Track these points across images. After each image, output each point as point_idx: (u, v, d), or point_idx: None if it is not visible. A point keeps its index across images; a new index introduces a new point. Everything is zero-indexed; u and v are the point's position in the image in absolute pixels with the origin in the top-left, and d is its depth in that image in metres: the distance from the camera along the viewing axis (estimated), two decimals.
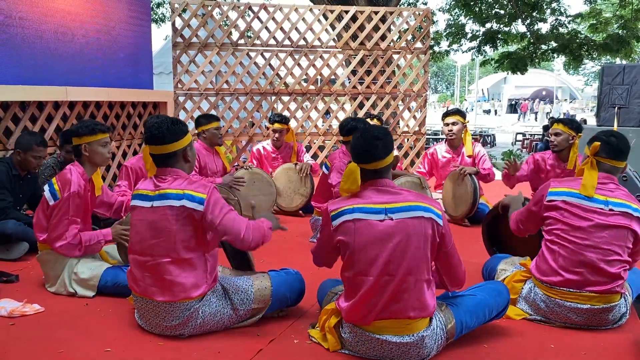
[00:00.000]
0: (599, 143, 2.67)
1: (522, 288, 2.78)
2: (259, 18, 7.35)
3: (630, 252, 2.62)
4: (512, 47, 16.07)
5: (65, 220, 2.96)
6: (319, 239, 2.48)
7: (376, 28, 7.60)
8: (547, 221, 2.68)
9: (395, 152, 4.07)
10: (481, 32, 14.81)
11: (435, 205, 2.29)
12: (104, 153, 3.14)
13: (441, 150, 5.20)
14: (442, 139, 5.94)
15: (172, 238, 2.41)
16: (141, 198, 2.51)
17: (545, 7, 13.88)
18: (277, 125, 5.45)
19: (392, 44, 7.70)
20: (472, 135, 5.17)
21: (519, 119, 32.78)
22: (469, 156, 4.98)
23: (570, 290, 2.58)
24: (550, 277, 2.62)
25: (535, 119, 31.44)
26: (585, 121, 13.25)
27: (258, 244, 2.50)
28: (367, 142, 2.30)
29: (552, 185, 2.70)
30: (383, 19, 7.67)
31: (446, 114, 5.13)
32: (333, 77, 7.84)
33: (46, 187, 3.03)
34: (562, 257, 2.59)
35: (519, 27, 14.67)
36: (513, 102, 41.79)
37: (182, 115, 7.32)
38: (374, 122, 5.30)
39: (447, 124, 5.05)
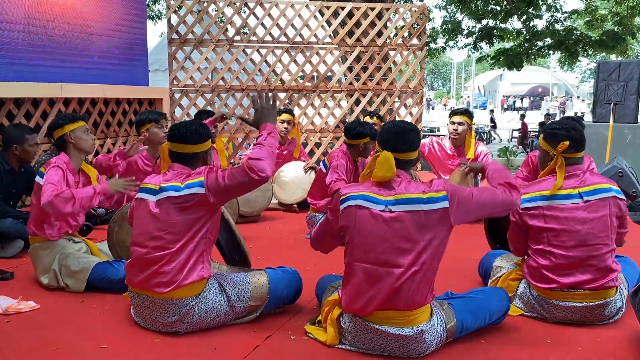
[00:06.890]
0: (568, 142, 2.62)
1: (518, 287, 2.78)
2: (254, 14, 7.33)
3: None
4: (508, 44, 16.08)
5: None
6: (324, 220, 2.48)
7: (372, 24, 7.59)
8: (532, 230, 2.66)
9: None
10: (477, 29, 14.83)
11: (438, 189, 2.23)
12: (88, 139, 3.22)
13: (444, 145, 5.14)
14: (443, 135, 5.89)
15: (172, 231, 2.41)
16: (147, 192, 2.54)
17: (540, 3, 13.89)
18: (285, 116, 5.49)
19: (388, 40, 7.69)
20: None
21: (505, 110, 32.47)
22: (469, 158, 4.93)
23: (564, 290, 2.59)
24: (545, 284, 2.62)
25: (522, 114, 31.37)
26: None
27: (272, 165, 2.41)
28: (403, 131, 2.33)
29: (521, 192, 2.65)
30: (379, 16, 7.66)
31: (454, 112, 5.00)
32: (329, 73, 7.83)
33: (37, 177, 3.03)
34: (553, 263, 2.58)
35: (515, 23, 14.70)
36: (514, 100, 41.87)
37: (177, 112, 7.30)
38: (374, 119, 5.24)
39: (453, 123, 4.93)
